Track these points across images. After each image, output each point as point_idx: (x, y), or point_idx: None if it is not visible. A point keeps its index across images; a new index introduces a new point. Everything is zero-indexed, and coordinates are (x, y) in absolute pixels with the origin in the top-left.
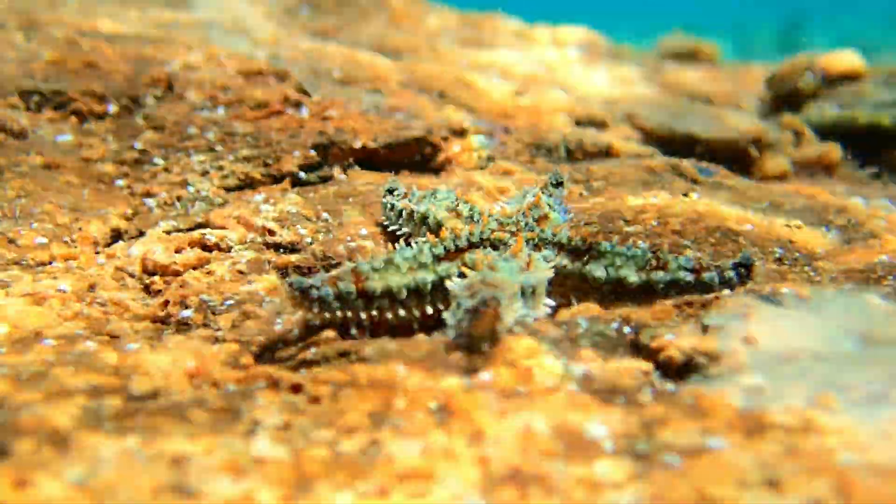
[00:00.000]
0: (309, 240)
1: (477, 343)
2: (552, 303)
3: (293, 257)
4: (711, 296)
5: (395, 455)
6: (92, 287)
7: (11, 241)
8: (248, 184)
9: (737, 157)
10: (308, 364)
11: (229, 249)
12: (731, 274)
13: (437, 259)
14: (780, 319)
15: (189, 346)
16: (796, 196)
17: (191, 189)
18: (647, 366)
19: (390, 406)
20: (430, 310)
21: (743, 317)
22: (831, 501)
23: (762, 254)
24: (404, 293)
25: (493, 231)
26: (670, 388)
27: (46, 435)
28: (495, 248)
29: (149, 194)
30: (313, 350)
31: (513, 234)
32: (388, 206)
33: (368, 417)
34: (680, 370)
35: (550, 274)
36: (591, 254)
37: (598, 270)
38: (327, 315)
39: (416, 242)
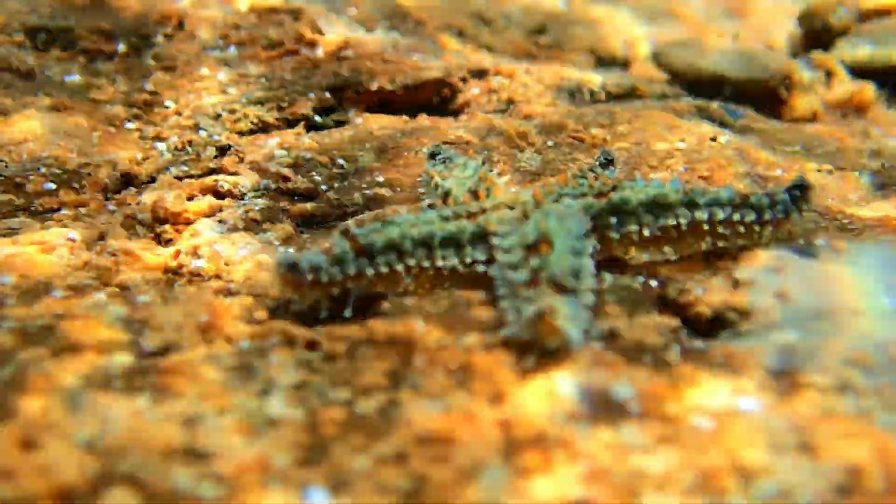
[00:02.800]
0: (324, 187)
1: (543, 344)
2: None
3: (308, 205)
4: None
5: (414, 417)
6: (102, 236)
7: (19, 187)
8: (261, 128)
9: (766, 98)
10: (324, 319)
11: (242, 196)
12: (782, 196)
13: (445, 219)
14: (815, 273)
15: (201, 299)
16: (828, 138)
17: (203, 133)
18: (674, 322)
19: (409, 364)
20: (441, 262)
21: (775, 270)
22: (869, 467)
23: None
24: (408, 244)
25: (506, 197)
26: (699, 346)
27: (54, 394)
28: (510, 209)
29: (160, 138)
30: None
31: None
32: (427, 174)
33: (386, 376)
34: (709, 326)
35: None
36: (617, 189)
37: (630, 196)
38: (325, 282)
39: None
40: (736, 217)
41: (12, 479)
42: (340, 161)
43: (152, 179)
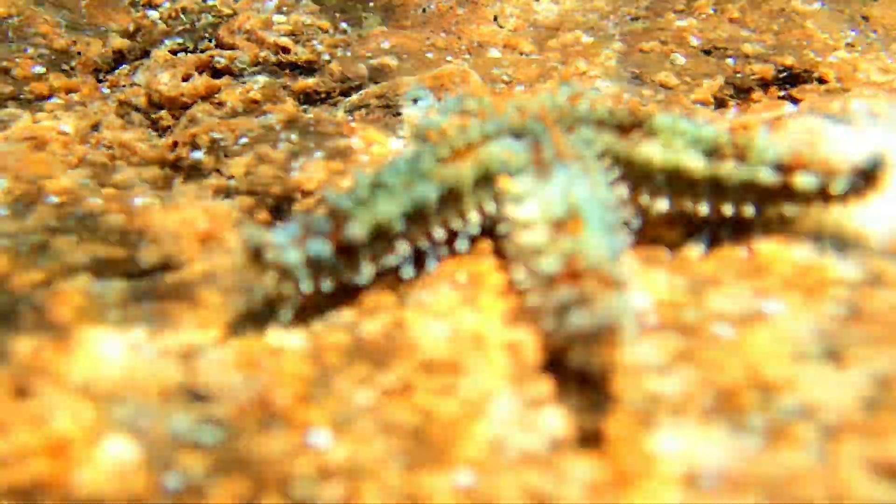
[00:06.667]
0: (327, 56)
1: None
2: None
3: (310, 80)
4: (770, 115)
5: (420, 341)
6: (95, 126)
7: (6, 72)
8: None
9: None
10: None
11: (241, 73)
12: (842, 186)
13: (442, 162)
14: (850, 143)
15: (201, 201)
16: None
17: None
18: None
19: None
20: (439, 232)
21: (806, 143)
22: None
23: (831, 39)
24: (399, 225)
25: (510, 117)
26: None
27: (47, 331)
28: (517, 137)
29: (151, 5)
30: None
31: (537, 118)
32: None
33: (392, 293)
34: None
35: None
36: (641, 130)
37: (651, 153)
38: (294, 285)
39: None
40: (770, 212)
41: (4, 433)
42: (343, 25)
43: (146, 53)
